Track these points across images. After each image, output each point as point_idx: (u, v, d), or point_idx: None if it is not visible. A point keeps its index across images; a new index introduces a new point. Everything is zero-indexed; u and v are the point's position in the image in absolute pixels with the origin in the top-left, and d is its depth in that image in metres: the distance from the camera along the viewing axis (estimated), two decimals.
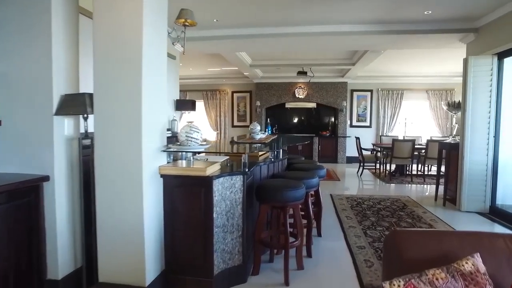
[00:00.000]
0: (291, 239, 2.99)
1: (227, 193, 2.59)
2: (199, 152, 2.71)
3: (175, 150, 2.53)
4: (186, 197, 2.48)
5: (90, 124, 2.41)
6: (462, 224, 4.40)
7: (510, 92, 4.79)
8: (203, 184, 2.43)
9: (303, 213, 3.45)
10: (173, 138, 5.43)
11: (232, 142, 3.60)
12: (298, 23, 5.37)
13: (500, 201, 4.93)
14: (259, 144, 3.58)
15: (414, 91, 10.48)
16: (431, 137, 8.83)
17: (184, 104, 6.13)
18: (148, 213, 2.33)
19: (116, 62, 2.25)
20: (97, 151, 2.32)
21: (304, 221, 3.36)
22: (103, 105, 2.28)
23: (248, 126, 11.08)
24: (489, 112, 4.85)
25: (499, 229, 4.34)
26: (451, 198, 5.44)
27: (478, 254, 1.23)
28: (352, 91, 10.74)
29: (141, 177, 2.25)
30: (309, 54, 7.85)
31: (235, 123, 11.62)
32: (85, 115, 2.41)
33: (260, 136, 4.13)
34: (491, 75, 4.82)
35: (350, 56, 7.93)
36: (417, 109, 10.57)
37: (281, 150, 4.12)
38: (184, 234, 2.51)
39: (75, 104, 2.31)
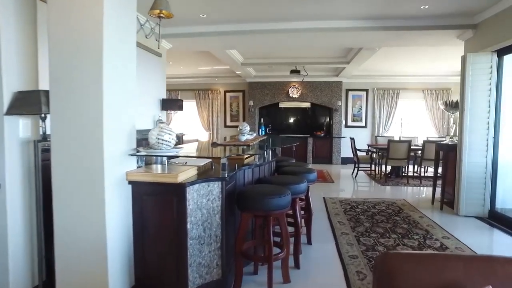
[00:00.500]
0: (277, 250, 2.74)
1: (203, 201, 2.34)
2: (174, 157, 2.45)
3: (144, 154, 2.27)
4: (156, 206, 2.23)
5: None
6: (461, 230, 4.17)
7: (510, 91, 4.58)
8: (175, 192, 2.18)
9: (291, 219, 3.21)
10: None
11: (214, 144, 3.34)
12: (289, 19, 5.13)
13: (499, 204, 4.71)
14: (245, 146, 3.32)
15: (410, 91, 10.27)
16: (427, 137, 8.62)
17: (170, 104, 5.87)
18: (112, 224, 2.07)
19: (73, 52, 1.99)
20: (54, 155, 2.06)
21: (293, 229, 3.12)
22: (59, 102, 2.02)
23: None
24: (488, 112, 4.62)
25: (499, 235, 4.12)
26: (448, 201, 5.22)
27: (490, 287, 0.99)
28: (347, 90, 10.52)
29: (102, 184, 1.99)
30: (302, 52, 7.60)
31: (228, 123, 11.36)
32: (42, 115, 2.15)
33: (246, 137, 3.88)
34: (491, 73, 4.60)
35: (344, 54, 7.70)
36: (413, 109, 10.36)
37: (269, 152, 3.88)
38: (155, 247, 2.26)
39: (29, 102, 2.05)
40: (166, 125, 2.31)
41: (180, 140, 5.81)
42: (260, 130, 10.95)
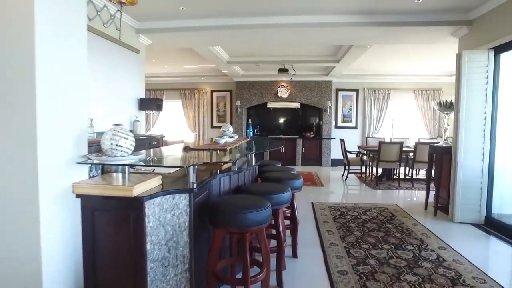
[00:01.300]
0: (257, 270, 2.41)
1: (167, 216, 1.99)
2: (135, 165, 2.09)
3: (95, 162, 1.91)
4: (111, 223, 1.88)
5: None
6: (457, 240, 3.89)
7: (506, 91, 4.34)
8: (131, 207, 1.83)
9: (274, 230, 2.88)
10: (137, 142, 4.79)
11: (186, 148, 3.00)
12: (275, 13, 4.81)
13: (496, 210, 4.47)
14: (219, 151, 2.98)
15: (401, 91, 10.05)
16: (419, 139, 8.39)
17: (149, 103, 5.49)
18: (51, 252, 1.72)
19: None
20: None
21: (277, 242, 2.79)
22: None
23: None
24: (485, 113, 4.37)
25: (497, 244, 3.86)
26: (442, 206, 4.97)
27: None
28: (337, 90, 10.25)
29: (36, 200, 1.63)
30: (290, 49, 7.30)
31: (215, 123, 11.00)
32: None
33: (226, 140, 3.54)
34: (487, 72, 4.35)
35: (334, 53, 7.41)
36: (404, 110, 10.14)
37: (252, 156, 3.55)
38: (109, 272, 1.90)
39: None
40: (122, 128, 1.96)
41: (160, 142, 5.44)
42: (248, 131, 10.60)
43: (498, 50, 4.30)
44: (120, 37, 2.78)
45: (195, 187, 2.05)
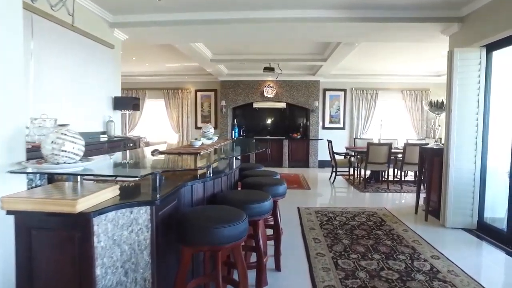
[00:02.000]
0: None
1: (124, 234, 1.68)
2: (84, 175, 1.77)
3: (30, 170, 1.59)
4: (51, 245, 1.56)
5: None
6: (450, 247, 3.68)
7: (498, 90, 4.15)
8: (76, 225, 1.52)
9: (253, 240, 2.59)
10: (110, 144, 4.46)
11: (154, 152, 2.68)
12: (258, 7, 4.53)
13: (489, 213, 4.28)
14: (196, 154, 2.67)
15: (389, 91, 9.91)
16: (407, 140, 8.23)
17: (124, 102, 5.13)
18: None
19: None
20: None
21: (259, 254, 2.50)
22: None
23: (213, 128, 10.21)
24: (477, 113, 4.18)
25: (491, 251, 3.66)
26: (433, 210, 4.76)
27: None
28: (325, 90, 10.04)
29: None
30: (276, 47, 7.03)
31: (199, 124, 10.65)
32: None
33: (203, 142, 3.24)
34: (479, 71, 4.16)
35: (321, 51, 7.18)
36: (392, 110, 10.00)
37: (233, 160, 3.25)
38: None
39: None
40: (69, 129, 1.64)
41: (136, 144, 5.10)
42: (233, 132, 10.32)
43: (490, 48, 4.11)
44: (74, 23, 2.42)
45: (157, 198, 1.75)
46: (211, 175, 2.50)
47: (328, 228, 4.20)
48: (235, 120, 10.44)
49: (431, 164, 4.70)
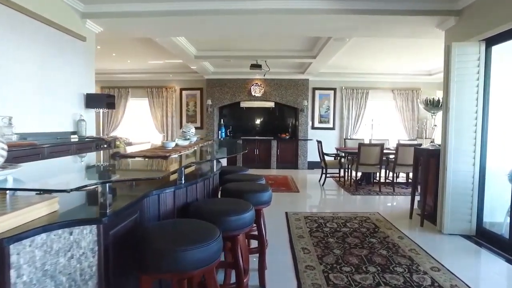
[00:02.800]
0: None
1: (60, 261, 1.32)
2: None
3: None
4: None
5: None
6: (450, 257, 3.41)
7: (497, 87, 3.90)
8: None
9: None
10: (81, 145, 4.05)
11: (115, 155, 2.31)
12: None
13: (488, 218, 4.02)
14: (166, 158, 2.31)
15: (380, 91, 9.68)
16: (399, 140, 8.00)
17: (97, 100, 4.72)
18: None
19: None
20: None
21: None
22: None
23: (198, 128, 9.82)
24: (476, 112, 3.92)
25: (493, 260, 3.39)
26: (428, 215, 4.50)
27: None
28: (314, 89, 9.76)
29: None
30: (263, 43, 6.71)
31: (184, 124, 10.23)
32: None
33: (177, 143, 2.88)
34: (478, 66, 3.90)
35: (310, 47, 6.88)
36: (383, 110, 9.77)
37: (214, 163, 2.90)
38: None
39: None
40: None
41: (111, 145, 4.70)
42: (220, 132, 9.96)
43: (490, 43, 3.86)
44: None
45: (106, 214, 1.39)
46: (183, 181, 2.14)
47: (318, 236, 3.88)
48: (222, 120, 10.08)
49: (426, 166, 4.43)
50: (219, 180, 3.18)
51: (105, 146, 4.51)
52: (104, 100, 4.74)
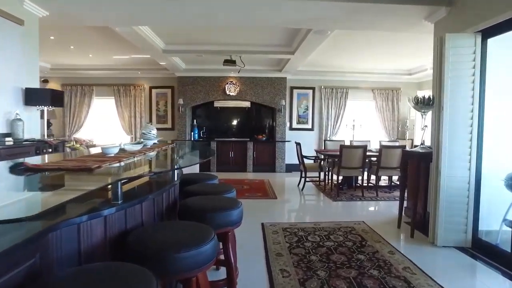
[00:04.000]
0: None
1: None
2: None
3: None
4: None
5: None
6: (447, 275, 2.97)
7: (493, 83, 3.53)
8: None
9: None
10: (15, 149, 3.37)
11: (18, 168, 1.70)
12: None
13: (484, 226, 3.65)
14: (90, 170, 1.71)
15: (360, 90, 9.35)
16: (380, 142, 7.66)
17: (40, 96, 4.02)
18: None
19: None
20: None
21: None
22: None
23: (169, 129, 9.15)
24: (472, 111, 3.53)
25: (490, 275, 3.00)
26: (418, 223, 4.09)
27: None
28: (292, 88, 9.30)
29: None
30: (237, 37, 6.16)
31: (154, 125, 9.48)
32: None
33: (123, 148, 2.28)
34: (474, 60, 3.51)
35: (289, 42, 6.39)
36: (363, 110, 9.44)
37: (175, 172, 2.32)
38: None
39: None
40: None
41: (60, 148, 4.01)
42: (192, 133, 9.33)
43: (486, 35, 3.48)
44: None
45: None
46: (121, 201, 1.56)
47: (299, 253, 3.37)
48: (195, 121, 9.45)
49: (416, 171, 4.01)
50: (181, 191, 2.61)
51: (50, 150, 3.82)
52: (48, 96, 4.04)
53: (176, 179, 2.25)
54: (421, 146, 4.05)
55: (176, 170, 2.28)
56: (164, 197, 2.11)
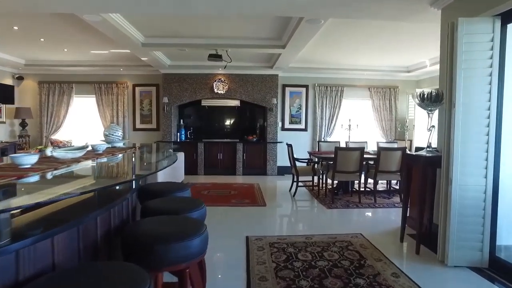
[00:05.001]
0: None
1: None
2: None
3: None
4: None
5: None
6: None
7: None
8: None
9: None
10: None
11: None
12: None
13: (502, 241, 3.16)
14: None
15: (356, 88, 8.85)
16: (378, 143, 7.17)
17: None
18: None
19: None
20: None
21: None
22: None
23: (154, 130, 8.57)
24: (489, 108, 3.03)
25: None
26: (424, 236, 3.58)
27: None
28: (284, 86, 8.77)
29: None
30: (223, 29, 5.61)
31: (138, 125, 8.97)
32: None
33: (52, 154, 1.73)
34: (491, 49, 3.01)
35: (279, 35, 5.86)
36: (359, 109, 8.94)
37: (132, 183, 1.78)
38: None
39: None
40: None
41: (8, 152, 3.44)
42: (179, 134, 8.76)
43: (506, 19, 2.98)
44: None
45: None
46: (6, 241, 1.01)
47: (287, 277, 2.84)
48: (182, 121, 8.88)
49: (423, 177, 3.49)
50: (142, 203, 2.06)
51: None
52: None
53: (120, 198, 1.70)
54: (427, 149, 3.54)
55: (119, 185, 1.73)
56: (99, 223, 1.56)
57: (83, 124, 9.10)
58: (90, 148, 2.18)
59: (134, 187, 2.00)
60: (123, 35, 5.40)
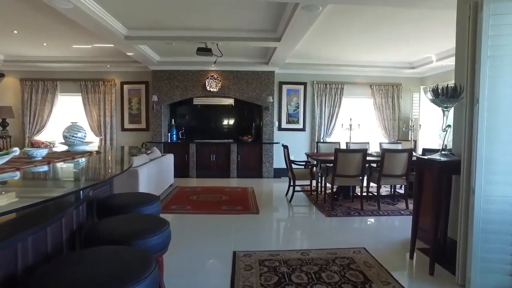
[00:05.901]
0: None
1: None
2: None
3: None
4: None
5: None
6: None
7: None
8: None
9: None
10: None
11: None
12: None
13: None
14: None
15: (356, 86, 8.37)
16: (381, 144, 6.68)
17: None
18: None
19: None
20: None
21: None
22: None
23: (144, 130, 8.03)
24: None
25: None
26: (437, 252, 3.09)
27: None
28: (281, 83, 8.28)
29: None
30: (213, 20, 5.12)
31: (126, 125, 8.47)
32: None
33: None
34: None
35: (273, 26, 5.36)
36: (360, 108, 8.46)
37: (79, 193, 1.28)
38: None
39: None
40: None
41: None
42: (169, 135, 8.27)
43: None
44: None
45: None
46: None
47: None
48: (173, 120, 8.39)
49: (438, 185, 3.00)
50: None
51: None
52: None
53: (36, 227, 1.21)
54: (442, 152, 3.05)
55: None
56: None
57: (68, 124, 8.59)
58: (17, 153, 1.69)
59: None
60: (103, 26, 4.92)
